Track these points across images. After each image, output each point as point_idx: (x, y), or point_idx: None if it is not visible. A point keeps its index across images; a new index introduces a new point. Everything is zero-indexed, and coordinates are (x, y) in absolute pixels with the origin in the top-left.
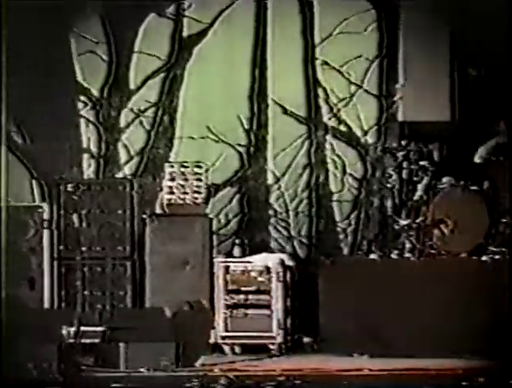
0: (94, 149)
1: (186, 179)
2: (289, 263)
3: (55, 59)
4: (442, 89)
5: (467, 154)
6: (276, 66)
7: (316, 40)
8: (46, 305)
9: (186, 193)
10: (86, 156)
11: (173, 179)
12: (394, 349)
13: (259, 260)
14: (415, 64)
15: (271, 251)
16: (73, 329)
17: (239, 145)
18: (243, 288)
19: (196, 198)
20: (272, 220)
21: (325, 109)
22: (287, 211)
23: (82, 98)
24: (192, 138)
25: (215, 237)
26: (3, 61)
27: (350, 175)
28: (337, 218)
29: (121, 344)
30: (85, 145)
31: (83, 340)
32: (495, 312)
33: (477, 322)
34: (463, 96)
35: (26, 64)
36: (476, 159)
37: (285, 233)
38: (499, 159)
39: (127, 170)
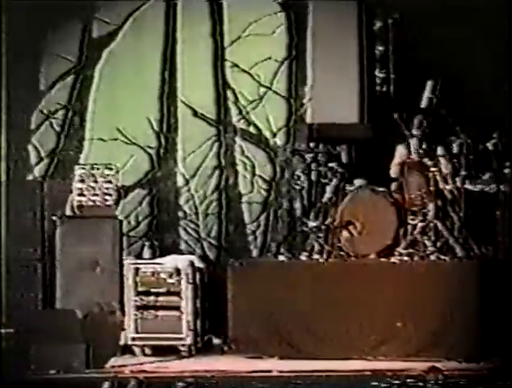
0: (3, 150)
1: (96, 181)
2: (199, 264)
3: None
4: (350, 91)
5: (376, 156)
6: (186, 68)
7: (226, 42)
8: None
9: (97, 195)
10: None
11: (83, 181)
12: (303, 351)
13: (169, 262)
14: (324, 66)
15: (181, 253)
16: None
17: (149, 147)
18: (153, 290)
19: (106, 200)
20: (182, 222)
21: (234, 111)
22: (196, 213)
23: None
24: (102, 140)
25: (125, 238)
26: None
27: (260, 176)
28: (247, 220)
29: (32, 346)
30: None
31: None
32: (405, 313)
33: (386, 323)
34: (372, 98)
35: None
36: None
37: (195, 235)
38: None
39: (37, 171)
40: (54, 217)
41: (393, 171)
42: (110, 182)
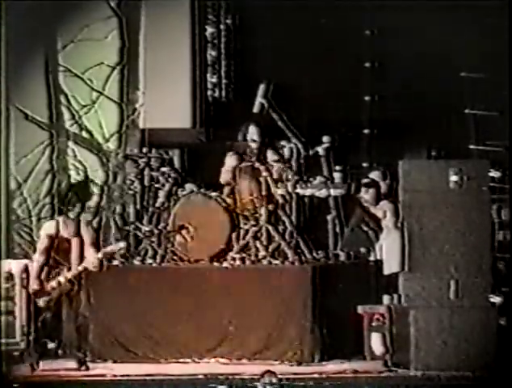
0: None
1: None
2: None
3: None
4: (183, 96)
5: (209, 161)
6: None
7: (58, 46)
8: None
9: None
10: None
11: None
12: (138, 354)
13: (2, 266)
14: (156, 71)
15: (15, 257)
16: None
17: None
18: None
19: None
20: (15, 225)
21: (67, 115)
22: (29, 216)
23: None
24: None
25: None
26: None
27: (92, 181)
28: None
29: None
30: None
31: None
32: (238, 317)
33: (219, 326)
34: (205, 103)
35: None
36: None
37: (28, 238)
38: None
39: None
40: None
41: (224, 177)
42: None
